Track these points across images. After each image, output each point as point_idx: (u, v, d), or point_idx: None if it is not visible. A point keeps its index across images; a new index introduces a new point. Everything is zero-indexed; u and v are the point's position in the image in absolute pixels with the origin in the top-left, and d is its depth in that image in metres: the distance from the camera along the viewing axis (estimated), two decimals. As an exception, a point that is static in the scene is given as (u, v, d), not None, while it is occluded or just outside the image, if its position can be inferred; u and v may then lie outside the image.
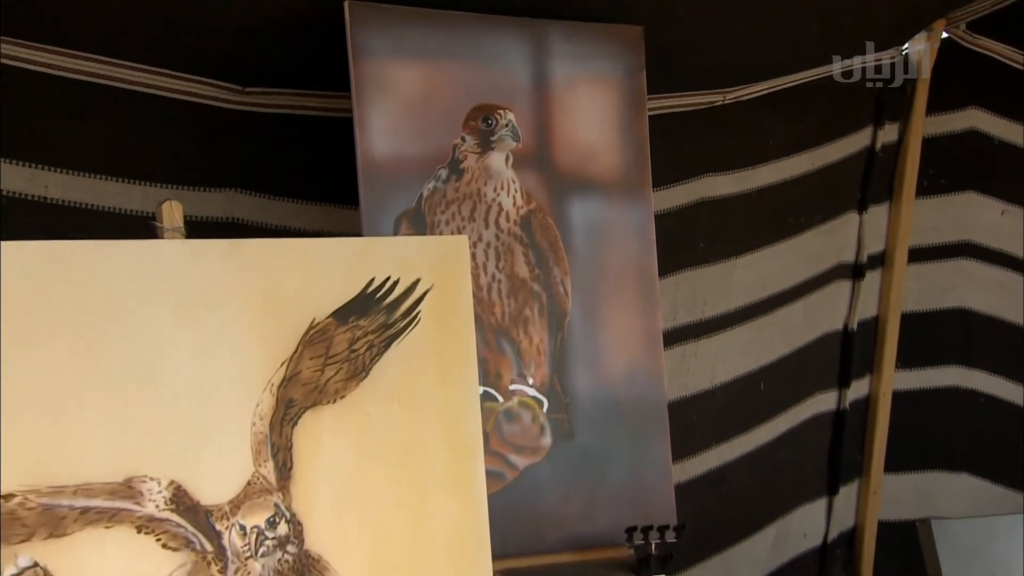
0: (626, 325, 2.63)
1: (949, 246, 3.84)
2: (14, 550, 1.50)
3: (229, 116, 2.71)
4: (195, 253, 1.73)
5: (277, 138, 2.78)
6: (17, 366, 1.53)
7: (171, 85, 2.62)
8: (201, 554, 1.67)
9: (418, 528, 1.92)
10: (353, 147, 2.35)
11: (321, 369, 1.82)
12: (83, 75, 2.51)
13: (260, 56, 2.63)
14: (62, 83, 2.49)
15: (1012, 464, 3.99)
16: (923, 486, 3.93)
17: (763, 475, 3.65)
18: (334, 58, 2.37)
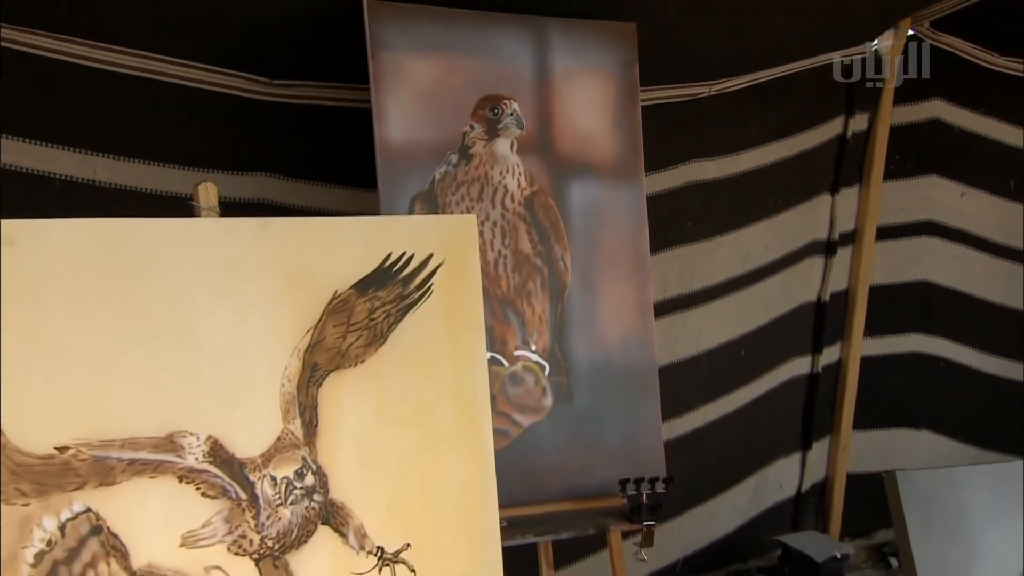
0: (620, 297, 2.63)
1: (913, 225, 3.84)
2: (69, 497, 1.51)
3: (259, 107, 2.70)
4: (228, 230, 1.72)
5: (303, 127, 2.77)
6: (68, 333, 1.53)
7: (206, 78, 2.61)
8: (236, 502, 1.68)
9: (431, 480, 1.92)
10: (371, 135, 2.34)
11: (343, 336, 1.82)
12: (127, 69, 2.51)
13: (287, 51, 2.61)
14: (108, 77, 2.49)
15: (968, 422, 4.01)
16: (888, 442, 3.94)
17: (743, 432, 3.66)
18: (354, 53, 2.35)
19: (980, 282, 3.93)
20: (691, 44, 2.99)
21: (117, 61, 2.49)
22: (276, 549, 1.72)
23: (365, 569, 1.82)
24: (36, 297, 1.51)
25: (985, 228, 3.89)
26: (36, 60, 2.41)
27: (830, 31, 3.30)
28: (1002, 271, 3.92)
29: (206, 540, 1.64)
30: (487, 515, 1.98)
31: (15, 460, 1.47)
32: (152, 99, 2.57)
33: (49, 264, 1.53)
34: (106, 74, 2.49)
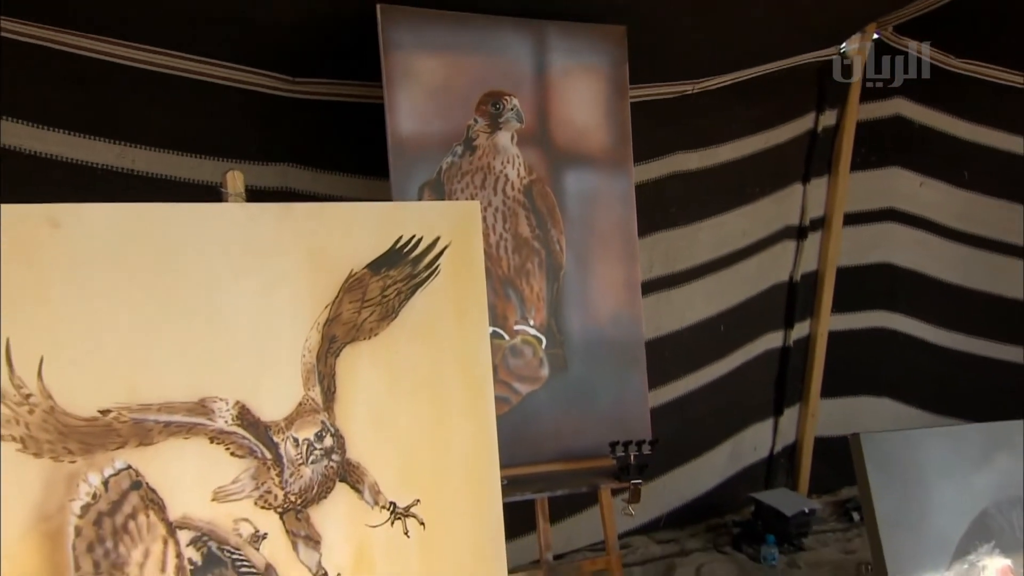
0: (611, 276, 2.63)
1: (876, 212, 3.84)
2: (111, 455, 1.51)
3: (282, 102, 2.70)
4: (254, 215, 1.72)
5: (321, 121, 2.77)
6: (110, 307, 1.53)
7: (234, 76, 2.61)
8: (262, 461, 1.68)
9: (438, 443, 1.93)
10: (384, 128, 2.34)
11: (358, 311, 1.82)
12: (162, 68, 2.51)
13: (307, 51, 2.61)
14: (145, 75, 2.49)
15: (924, 390, 4.03)
16: (852, 408, 3.96)
17: (722, 400, 3.67)
18: (368, 52, 2.35)
19: (937, 264, 3.94)
20: (676, 45, 2.98)
21: (153, 60, 2.49)
22: (298, 504, 1.72)
23: (379, 522, 1.82)
24: (80, 274, 1.51)
25: (941, 215, 3.89)
26: (80, 59, 2.41)
27: (803, 35, 3.29)
28: (957, 254, 3.93)
29: (235, 495, 1.65)
30: (489, 474, 1.99)
31: (63, 422, 1.47)
32: (185, 95, 2.57)
33: (92, 244, 1.53)
34: (143, 72, 2.49)
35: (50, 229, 1.49)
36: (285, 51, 2.61)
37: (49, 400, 1.47)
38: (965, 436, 1.81)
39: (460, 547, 1.93)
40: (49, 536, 1.45)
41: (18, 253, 1.46)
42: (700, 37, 2.98)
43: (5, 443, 1.42)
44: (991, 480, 1.78)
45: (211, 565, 1.61)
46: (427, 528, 1.88)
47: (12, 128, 2.38)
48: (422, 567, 1.87)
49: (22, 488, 1.43)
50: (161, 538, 1.56)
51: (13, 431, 1.43)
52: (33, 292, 1.46)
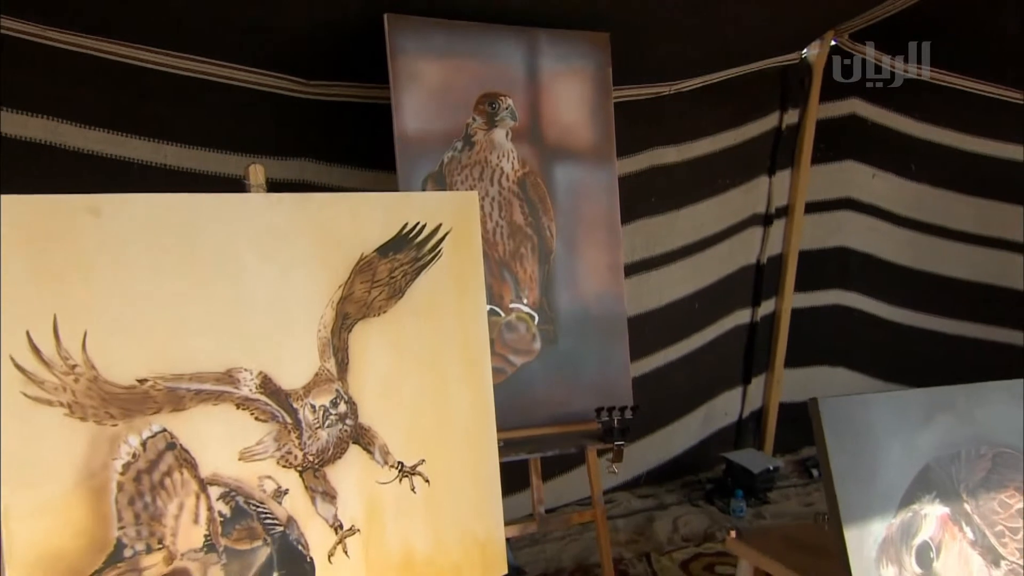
0: (597, 260, 2.63)
1: (834, 201, 3.84)
2: (148, 419, 1.52)
3: (298, 103, 2.69)
4: (274, 204, 1.72)
5: (334, 119, 2.76)
6: (145, 287, 1.53)
7: (254, 79, 2.60)
8: (283, 425, 1.69)
9: (441, 409, 1.93)
10: (391, 125, 2.33)
11: (368, 291, 1.82)
12: (191, 72, 2.51)
13: (321, 56, 2.60)
14: (175, 79, 2.49)
15: (876, 360, 4.04)
16: (812, 377, 3.97)
17: (696, 370, 3.68)
18: (376, 57, 2.34)
19: (888, 247, 3.94)
20: (654, 51, 2.97)
21: (182, 65, 2.49)
22: (316, 463, 1.73)
23: (388, 479, 1.83)
24: (119, 257, 1.51)
25: (892, 204, 3.89)
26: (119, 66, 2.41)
27: (767, 42, 3.29)
28: (905, 239, 3.94)
29: (259, 455, 1.66)
30: (487, 437, 2.00)
31: (105, 390, 1.48)
32: (211, 97, 2.57)
33: (129, 230, 1.53)
34: (174, 76, 2.49)
35: (91, 217, 1.49)
36: (301, 56, 2.60)
37: (92, 370, 1.47)
38: (911, 400, 1.82)
39: (461, 502, 1.94)
40: (95, 491, 1.46)
41: (63, 239, 1.46)
42: (676, 44, 2.98)
43: (54, 408, 1.43)
44: (933, 439, 1.79)
45: (239, 517, 1.62)
46: (431, 485, 1.89)
47: (58, 127, 2.39)
48: (427, 519, 1.89)
49: (70, 448, 1.44)
50: (194, 493, 1.57)
51: (61, 398, 1.44)
52: (77, 273, 1.47)
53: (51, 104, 2.37)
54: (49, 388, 1.43)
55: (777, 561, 2.21)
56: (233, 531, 1.62)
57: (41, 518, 1.41)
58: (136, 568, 1.50)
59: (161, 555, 1.53)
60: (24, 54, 2.29)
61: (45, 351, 1.43)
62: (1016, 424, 1.86)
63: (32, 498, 1.40)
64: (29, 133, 2.37)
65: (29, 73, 2.33)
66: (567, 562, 3.02)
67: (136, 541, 1.50)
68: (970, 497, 1.78)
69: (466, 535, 1.95)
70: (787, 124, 3.63)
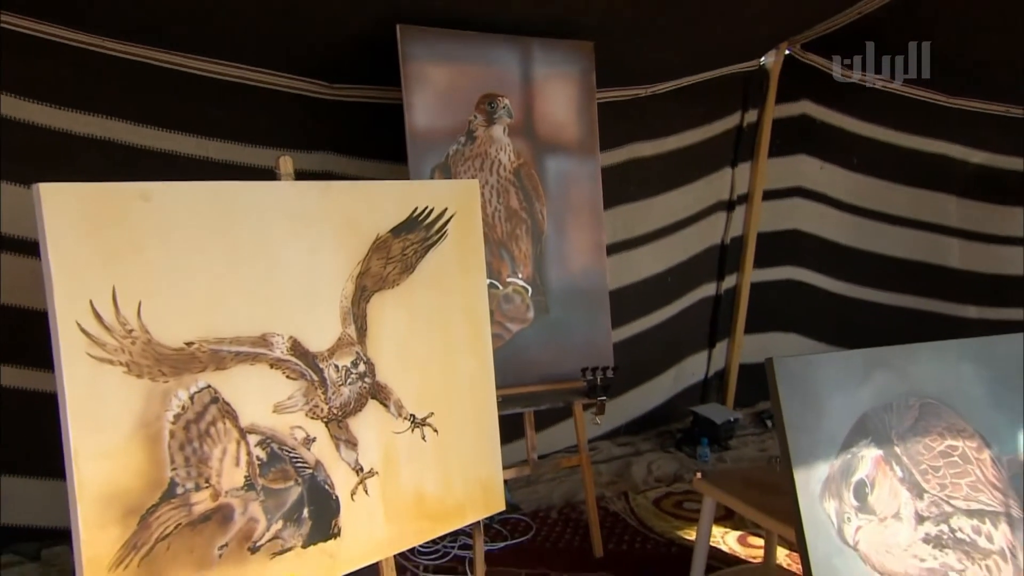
0: (582, 240, 2.63)
1: (787, 189, 3.82)
2: (195, 377, 1.53)
3: (322, 103, 2.68)
4: (301, 191, 1.72)
5: (354, 117, 2.74)
6: (191, 263, 1.53)
7: (284, 82, 2.59)
8: (310, 382, 1.70)
9: (448, 369, 1.94)
10: (403, 123, 2.33)
11: (384, 266, 1.82)
12: (230, 76, 2.50)
13: (342, 62, 2.58)
14: (217, 82, 2.49)
15: (822, 326, 4.05)
16: (767, 341, 3.98)
17: (668, 336, 3.69)
18: (390, 63, 2.33)
19: (833, 229, 3.94)
20: (633, 58, 2.96)
21: (223, 71, 2.49)
22: (339, 415, 1.74)
23: (402, 430, 1.85)
24: (168, 237, 1.51)
25: (836, 191, 3.88)
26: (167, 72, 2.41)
27: (730, 51, 3.28)
28: (848, 222, 3.94)
29: (290, 408, 1.67)
30: (488, 393, 2.02)
31: (157, 351, 1.48)
32: (247, 98, 2.56)
33: (176, 213, 1.52)
34: (216, 80, 2.49)
35: (143, 202, 1.49)
36: (325, 63, 2.59)
37: (146, 334, 1.47)
38: (851, 360, 1.83)
39: (465, 449, 1.96)
40: (150, 438, 1.47)
41: (119, 221, 1.45)
42: (652, 52, 2.96)
43: (114, 367, 1.43)
44: (869, 392, 1.80)
45: (273, 461, 1.63)
46: (439, 434, 1.91)
47: (115, 125, 2.39)
48: (436, 464, 1.90)
49: (129, 401, 1.44)
50: (235, 440, 1.58)
51: (120, 358, 1.44)
52: (132, 251, 1.46)
53: (107, 104, 2.37)
54: (110, 350, 1.43)
55: (736, 498, 2.23)
56: (269, 473, 1.63)
57: (105, 461, 1.42)
58: (187, 503, 1.51)
59: (208, 492, 1.54)
60: (85, 64, 2.30)
61: (106, 318, 1.43)
62: (940, 379, 1.88)
63: (97, 444, 1.41)
64: (89, 130, 2.37)
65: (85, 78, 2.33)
66: (557, 500, 3.04)
67: (186, 480, 1.51)
68: (900, 441, 1.79)
69: (469, 477, 1.97)
70: (747, 122, 3.62)
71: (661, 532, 2.81)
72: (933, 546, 1.78)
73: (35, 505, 2.48)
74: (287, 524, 1.65)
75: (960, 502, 1.82)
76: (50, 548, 2.49)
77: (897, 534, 1.75)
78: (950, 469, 1.83)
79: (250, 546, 1.60)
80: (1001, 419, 1.90)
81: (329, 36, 2.43)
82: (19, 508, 2.48)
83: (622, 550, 2.68)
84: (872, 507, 1.73)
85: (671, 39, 2.86)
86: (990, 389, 1.91)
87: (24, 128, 2.26)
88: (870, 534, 1.72)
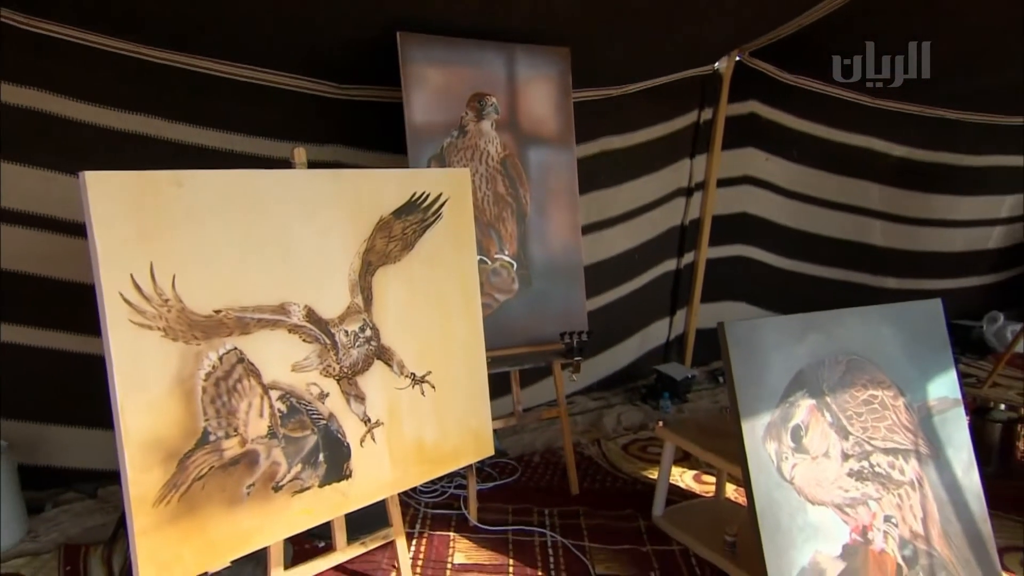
0: (561, 221, 2.62)
1: (737, 178, 3.82)
2: (223, 340, 1.53)
3: (333, 102, 2.64)
4: (314, 178, 1.71)
5: (360, 114, 2.71)
6: (218, 240, 1.53)
7: (299, 84, 2.55)
8: (324, 345, 1.70)
9: (444, 333, 1.95)
10: (403, 119, 2.31)
11: (387, 244, 1.82)
12: (251, 79, 2.47)
13: (350, 65, 2.54)
14: (240, 84, 2.46)
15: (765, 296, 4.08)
16: (720, 309, 4.00)
17: (635, 305, 3.70)
18: (392, 66, 2.31)
19: (777, 213, 3.95)
20: (605, 63, 2.93)
21: (246, 74, 2.46)
22: (349, 373, 1.75)
23: (403, 386, 1.86)
24: (199, 218, 1.50)
25: (779, 180, 3.88)
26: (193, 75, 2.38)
27: (689, 57, 3.25)
28: (789, 206, 3.94)
29: (307, 367, 1.68)
30: (478, 354, 2.03)
31: (190, 318, 1.49)
32: (266, 97, 2.52)
33: (205, 198, 1.52)
34: (239, 83, 2.46)
35: (175, 188, 1.48)
36: (335, 66, 2.55)
37: (180, 303, 1.47)
38: (790, 323, 1.85)
39: (458, 403, 1.97)
40: (185, 393, 1.47)
41: (155, 205, 1.45)
42: (621, 58, 2.94)
43: (153, 332, 1.44)
44: (805, 350, 1.83)
45: (293, 413, 1.65)
46: (436, 390, 1.92)
47: (153, 122, 2.37)
48: (433, 416, 1.92)
49: (166, 361, 1.45)
50: (259, 395, 1.59)
51: (158, 324, 1.44)
52: (166, 230, 1.46)
53: (146, 104, 2.35)
54: (149, 317, 1.43)
55: (692, 443, 2.27)
56: (289, 423, 1.64)
57: (147, 413, 1.42)
58: (218, 449, 1.52)
59: (236, 440, 1.55)
60: (127, 69, 2.28)
61: (145, 289, 1.43)
62: (864, 339, 1.90)
63: (140, 399, 1.42)
64: (128, 126, 2.34)
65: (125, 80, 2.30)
66: (539, 446, 3.05)
67: (217, 430, 1.52)
68: (830, 392, 1.83)
69: (463, 427, 1.99)
70: (703, 119, 3.60)
71: (629, 472, 2.84)
72: (856, 479, 1.82)
73: (91, 451, 2.50)
74: (305, 467, 1.67)
75: (879, 442, 1.86)
76: (105, 487, 2.51)
77: (826, 470, 1.78)
78: (871, 415, 1.87)
79: (274, 485, 1.62)
80: (914, 372, 1.94)
81: (338, 43, 2.39)
82: (78, 454, 2.51)
83: (595, 488, 2.71)
84: (806, 448, 1.77)
85: (638, 47, 2.84)
86: (905, 347, 1.94)
87: (78, 126, 2.28)
88: (804, 470, 1.76)
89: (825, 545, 1.74)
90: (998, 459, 2.77)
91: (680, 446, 2.32)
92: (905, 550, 1.83)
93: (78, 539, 2.23)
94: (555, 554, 2.23)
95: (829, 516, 1.76)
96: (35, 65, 2.18)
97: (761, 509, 1.69)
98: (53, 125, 2.24)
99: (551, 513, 2.48)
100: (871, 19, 2.79)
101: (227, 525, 1.54)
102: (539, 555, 2.22)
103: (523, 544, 2.28)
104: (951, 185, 4.21)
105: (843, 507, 1.78)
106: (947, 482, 1.91)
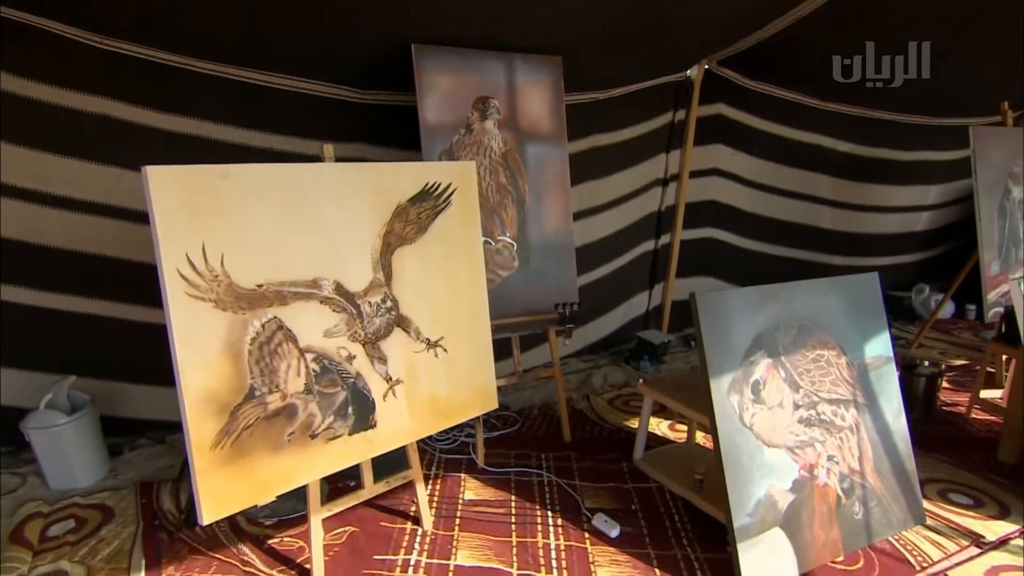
0: (555, 208, 2.61)
1: (707, 170, 3.77)
2: (265, 310, 1.54)
3: (356, 105, 2.61)
4: (342, 170, 1.70)
5: (380, 116, 2.68)
6: (260, 225, 1.53)
7: (328, 90, 2.52)
8: (351, 315, 1.71)
9: (454, 305, 1.95)
10: (417, 119, 2.29)
11: (404, 227, 1.82)
12: (287, 87, 2.44)
13: (371, 73, 2.51)
14: (277, 92, 2.44)
15: (732, 272, 4.06)
16: (693, 283, 3.98)
17: (619, 281, 3.69)
18: (407, 73, 2.28)
19: (741, 200, 3.91)
20: (593, 70, 2.89)
21: (281, 82, 2.43)
22: (373, 339, 1.77)
23: (420, 350, 1.87)
24: (243, 205, 1.50)
25: (743, 172, 3.83)
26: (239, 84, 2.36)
27: (665, 66, 3.21)
28: (752, 195, 3.91)
29: (336, 334, 1.69)
30: (483, 323, 2.04)
31: (236, 291, 1.49)
32: (300, 102, 2.50)
33: (249, 187, 1.52)
34: (275, 90, 2.43)
35: (223, 180, 1.48)
36: (358, 74, 2.52)
37: (228, 279, 1.48)
38: (752, 294, 1.85)
39: (468, 364, 1.99)
40: (234, 355, 1.49)
41: (206, 194, 1.45)
42: (607, 66, 2.90)
43: (205, 303, 1.45)
44: (764, 317, 1.83)
45: (325, 373, 1.66)
46: (449, 353, 1.94)
47: (200, 125, 2.35)
48: (446, 376, 1.94)
49: (217, 328, 1.47)
50: (296, 357, 1.60)
51: (210, 296, 1.45)
52: (216, 216, 1.46)
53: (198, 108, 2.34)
54: (202, 290, 1.44)
55: (668, 397, 2.28)
56: (322, 381, 1.66)
57: (203, 372, 1.44)
58: (263, 403, 1.54)
59: (278, 395, 1.57)
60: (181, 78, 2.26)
61: (198, 266, 1.44)
62: (813, 307, 1.91)
63: (196, 359, 1.43)
64: (184, 129, 2.34)
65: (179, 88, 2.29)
66: (537, 401, 3.07)
67: (262, 386, 1.54)
68: (784, 352, 1.83)
69: (471, 384, 2.00)
70: (678, 119, 3.55)
71: (614, 423, 2.85)
72: (804, 425, 1.84)
73: (159, 405, 2.57)
74: (337, 418, 1.69)
75: (824, 394, 1.88)
76: (172, 435, 2.57)
77: (780, 418, 1.80)
78: (818, 371, 1.88)
79: (311, 433, 1.64)
80: (854, 334, 1.94)
81: (361, 55, 2.36)
82: (150, 407, 2.58)
83: (585, 436, 2.73)
84: (764, 399, 1.78)
85: (621, 57, 2.80)
86: (848, 313, 1.94)
87: (142, 129, 2.28)
88: (762, 419, 1.77)
89: (778, 480, 1.76)
90: (922, 407, 2.80)
91: (657, 400, 2.33)
92: (844, 483, 1.85)
93: (151, 477, 2.30)
94: (550, 491, 2.26)
95: (782, 456, 1.78)
96: (103, 79, 2.20)
97: (725, 451, 1.71)
98: (121, 129, 2.26)
99: (547, 457, 2.50)
100: (837, 22, 2.67)
101: (272, 466, 1.56)
102: (537, 492, 2.25)
103: (523, 483, 2.31)
104: (887, 176, 4.19)
105: (794, 449, 1.80)
106: (880, 426, 1.93)
